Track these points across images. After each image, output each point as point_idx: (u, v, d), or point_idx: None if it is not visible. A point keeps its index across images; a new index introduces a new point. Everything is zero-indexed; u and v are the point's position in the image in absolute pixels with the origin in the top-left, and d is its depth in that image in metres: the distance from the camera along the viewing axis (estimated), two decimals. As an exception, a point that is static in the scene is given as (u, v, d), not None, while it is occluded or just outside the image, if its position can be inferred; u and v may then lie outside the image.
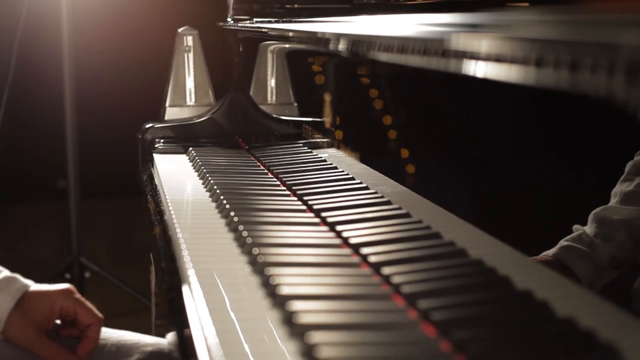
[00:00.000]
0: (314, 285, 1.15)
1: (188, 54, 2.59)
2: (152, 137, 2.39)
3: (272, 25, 2.16)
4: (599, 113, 1.08)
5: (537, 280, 1.11)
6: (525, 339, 0.97)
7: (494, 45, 0.92)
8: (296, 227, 1.47)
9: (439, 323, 0.99)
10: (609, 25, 0.73)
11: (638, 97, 0.72)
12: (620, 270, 1.22)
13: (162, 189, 1.85)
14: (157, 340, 1.74)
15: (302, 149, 2.17)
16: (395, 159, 1.67)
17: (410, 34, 1.18)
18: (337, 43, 1.49)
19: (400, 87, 1.73)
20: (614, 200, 1.19)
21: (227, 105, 2.50)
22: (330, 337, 0.96)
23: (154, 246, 1.56)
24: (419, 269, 1.18)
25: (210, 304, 1.09)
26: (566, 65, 0.77)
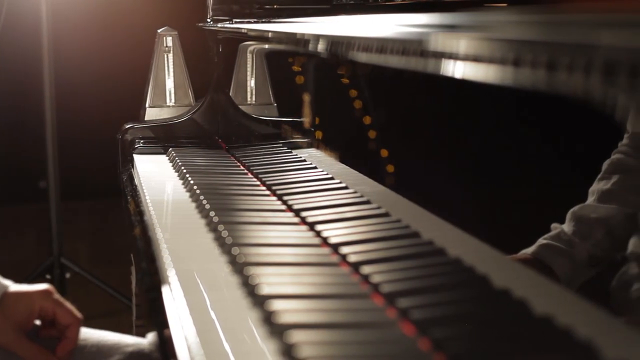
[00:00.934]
0: (294, 285, 1.15)
1: (168, 55, 2.58)
2: (132, 137, 2.39)
3: (251, 25, 2.16)
4: (576, 113, 1.09)
5: (516, 279, 1.12)
6: (503, 337, 0.98)
7: (472, 46, 0.92)
8: (276, 227, 1.47)
9: (418, 322, 0.99)
10: (585, 26, 0.74)
11: (614, 96, 0.73)
12: (598, 268, 1.22)
13: (142, 189, 1.85)
14: (137, 341, 1.73)
15: (282, 149, 2.17)
16: (375, 158, 1.67)
17: (389, 34, 1.18)
18: (317, 44, 1.49)
19: (379, 88, 1.73)
20: (592, 199, 1.20)
21: (207, 105, 2.50)
22: (309, 336, 0.96)
23: (134, 246, 1.56)
24: (397, 268, 1.18)
25: (191, 303, 1.09)
26: (543, 66, 0.78)
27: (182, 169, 1.94)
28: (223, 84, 2.53)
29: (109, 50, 4.88)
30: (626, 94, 0.72)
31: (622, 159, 1.16)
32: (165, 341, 1.07)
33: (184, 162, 2.04)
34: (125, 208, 1.86)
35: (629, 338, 0.95)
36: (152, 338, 1.58)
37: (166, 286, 1.19)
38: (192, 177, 1.83)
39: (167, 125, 2.46)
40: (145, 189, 1.84)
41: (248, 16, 2.29)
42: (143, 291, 1.34)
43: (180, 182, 1.89)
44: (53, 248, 3.66)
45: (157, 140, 2.40)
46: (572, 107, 0.89)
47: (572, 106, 0.83)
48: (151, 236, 1.48)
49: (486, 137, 1.36)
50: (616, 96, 0.74)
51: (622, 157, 1.16)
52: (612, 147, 1.17)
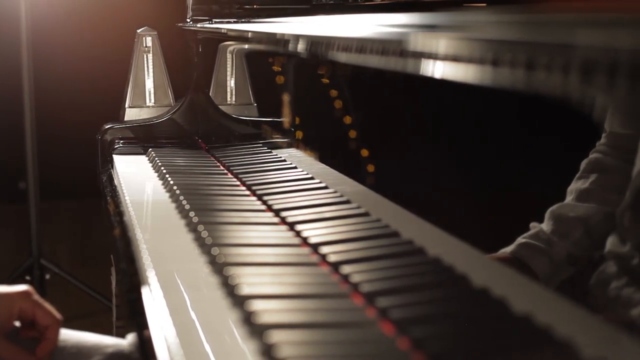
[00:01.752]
0: (274, 285, 1.15)
1: (147, 55, 2.58)
2: (111, 138, 2.38)
3: (231, 25, 2.16)
4: (555, 112, 1.09)
5: (495, 278, 1.12)
6: (482, 335, 0.98)
7: (451, 46, 0.93)
8: (256, 227, 1.47)
9: (397, 321, 1.00)
10: (564, 26, 0.74)
11: (592, 96, 0.73)
12: (576, 267, 1.23)
13: (122, 190, 1.85)
14: (117, 341, 1.73)
15: (262, 149, 2.17)
16: (355, 158, 1.67)
17: (368, 34, 1.18)
18: (296, 44, 1.50)
19: (359, 88, 1.74)
20: (570, 198, 1.21)
21: (187, 105, 2.49)
22: (289, 336, 0.96)
23: (114, 247, 1.56)
24: (377, 267, 1.18)
25: (170, 304, 1.09)
26: (522, 65, 0.78)
27: (162, 170, 1.93)
28: (203, 84, 2.53)
29: (88, 50, 4.86)
30: (604, 94, 0.73)
31: (600, 158, 1.17)
32: (145, 342, 1.07)
33: (163, 162, 2.04)
34: (105, 209, 1.85)
35: (608, 336, 0.95)
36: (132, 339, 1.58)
37: (146, 287, 1.19)
38: (171, 178, 1.82)
39: (146, 126, 2.46)
40: (124, 189, 1.84)
41: (228, 16, 2.29)
42: (123, 292, 1.34)
43: (160, 182, 1.88)
44: (32, 249, 3.65)
45: (136, 140, 2.39)
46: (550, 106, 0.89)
47: (551, 106, 0.84)
48: (131, 237, 1.48)
49: (465, 137, 1.36)
50: (594, 96, 0.75)
51: (600, 157, 1.17)
52: (590, 146, 1.17)
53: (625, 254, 1.05)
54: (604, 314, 1.07)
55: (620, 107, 1.07)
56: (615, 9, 0.69)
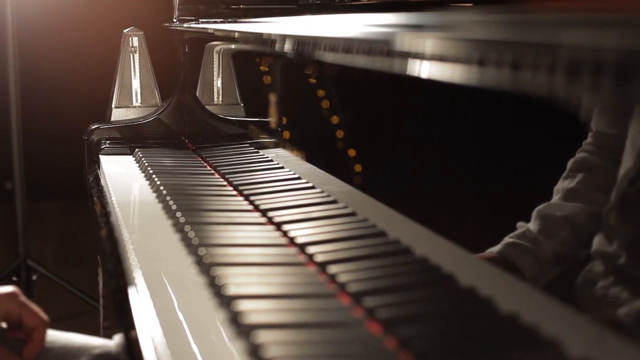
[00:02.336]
0: (261, 285, 1.15)
1: (134, 55, 2.58)
2: (98, 138, 2.38)
3: (217, 25, 2.15)
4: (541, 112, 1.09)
5: (482, 277, 1.12)
6: (469, 335, 0.98)
7: (438, 46, 0.93)
8: (243, 227, 1.47)
9: (384, 321, 1.00)
10: (550, 26, 0.74)
11: (579, 96, 0.73)
12: (563, 266, 1.23)
13: (109, 190, 1.85)
14: (104, 342, 1.72)
15: (249, 149, 2.17)
16: (342, 158, 1.67)
17: (355, 34, 1.19)
18: (283, 44, 1.49)
19: (346, 87, 1.74)
20: (557, 197, 1.21)
21: (174, 106, 2.49)
22: (276, 336, 0.96)
23: (100, 248, 1.56)
24: (364, 267, 1.19)
25: (157, 305, 1.09)
26: (509, 65, 0.78)
27: (149, 170, 1.93)
28: (189, 84, 2.52)
29: (75, 50, 4.85)
30: (590, 93, 0.73)
31: (586, 158, 1.17)
32: (132, 342, 1.07)
33: (150, 162, 2.03)
34: (92, 209, 1.85)
35: (594, 335, 0.96)
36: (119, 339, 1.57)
37: (133, 287, 1.18)
38: (158, 178, 1.82)
39: (133, 126, 2.46)
40: (111, 190, 1.83)
41: (214, 16, 2.28)
42: (110, 293, 1.33)
43: (147, 182, 1.88)
44: (19, 250, 3.64)
45: (123, 140, 2.39)
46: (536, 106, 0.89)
47: (537, 105, 0.84)
48: (117, 237, 1.48)
49: (452, 136, 1.36)
50: (580, 95, 0.75)
51: (586, 156, 1.17)
52: (576, 146, 1.17)
53: (612, 254, 1.05)
54: (590, 314, 1.07)
55: (606, 107, 1.07)
56: (601, 9, 0.69)
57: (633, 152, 1.01)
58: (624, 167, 1.03)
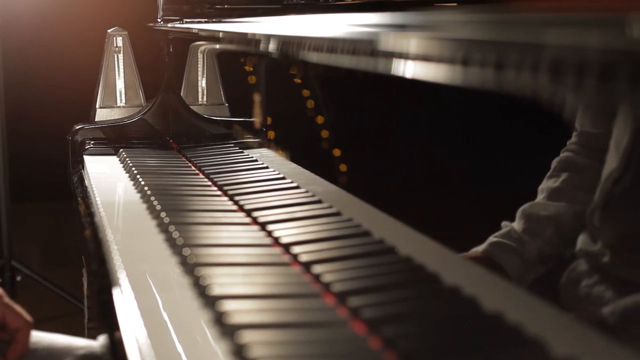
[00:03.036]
0: (245, 285, 1.15)
1: (118, 55, 2.57)
2: (82, 138, 2.38)
3: (202, 25, 2.15)
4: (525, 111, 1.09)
5: (466, 277, 1.12)
6: (454, 334, 0.98)
7: (422, 45, 0.93)
8: (227, 227, 1.47)
9: (368, 320, 1.00)
10: (534, 25, 0.74)
11: (563, 95, 0.74)
12: (548, 266, 1.23)
13: (93, 190, 1.84)
14: (88, 343, 1.72)
15: (234, 149, 2.17)
16: (327, 158, 1.67)
17: (339, 34, 1.19)
18: (267, 43, 1.49)
19: (331, 87, 1.74)
20: (541, 197, 1.21)
21: (158, 106, 2.49)
22: (261, 336, 0.96)
23: (85, 248, 1.55)
24: (349, 267, 1.19)
25: (142, 305, 1.09)
26: (493, 65, 0.78)
27: (133, 170, 1.93)
28: (174, 84, 2.52)
29: (58, 50, 4.83)
30: (574, 93, 0.73)
31: (570, 157, 1.17)
32: (116, 343, 1.07)
33: (134, 162, 2.03)
34: (76, 210, 1.85)
35: (578, 334, 0.96)
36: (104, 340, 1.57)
37: (117, 288, 1.18)
38: (143, 178, 1.82)
39: (117, 126, 2.45)
40: (95, 190, 1.83)
41: (199, 16, 2.28)
42: (94, 293, 1.33)
43: (131, 183, 1.88)
44: (3, 250, 3.63)
45: (107, 141, 2.39)
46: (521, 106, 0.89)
47: (521, 105, 0.84)
48: (102, 238, 1.47)
49: (437, 136, 1.36)
50: (565, 95, 0.75)
51: (570, 155, 1.17)
52: (561, 145, 1.17)
53: (596, 253, 1.06)
54: (574, 312, 1.07)
55: (591, 106, 1.07)
56: (584, 9, 0.69)
57: (617, 152, 1.02)
58: (608, 166, 1.04)
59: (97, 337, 1.73)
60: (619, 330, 0.94)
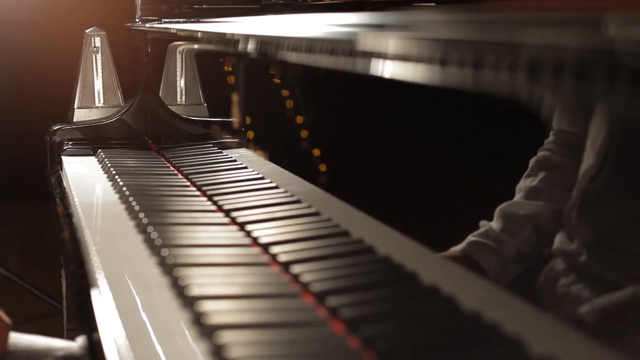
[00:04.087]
0: (224, 285, 1.15)
1: (96, 55, 2.56)
2: (60, 139, 2.37)
3: (180, 25, 2.15)
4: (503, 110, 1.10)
5: (444, 276, 1.13)
6: (432, 333, 0.98)
7: (400, 45, 0.93)
8: (206, 228, 1.46)
9: (347, 320, 1.00)
10: (511, 25, 0.75)
11: (540, 94, 0.74)
12: (526, 265, 1.24)
13: (71, 191, 1.83)
14: (67, 344, 1.71)
15: (213, 149, 2.16)
16: (305, 158, 1.67)
17: (318, 34, 1.19)
18: (246, 44, 1.49)
19: (310, 87, 1.74)
20: (519, 196, 1.21)
21: (136, 106, 2.48)
22: (240, 336, 0.96)
23: (63, 249, 1.55)
24: (327, 266, 1.19)
25: (120, 306, 1.09)
26: (470, 64, 0.78)
27: (112, 171, 1.92)
28: (152, 84, 2.51)
29: (36, 50, 4.81)
30: (551, 92, 0.73)
31: (548, 156, 1.17)
32: (94, 344, 1.06)
33: (113, 163, 2.02)
34: (54, 211, 1.84)
35: (556, 332, 0.96)
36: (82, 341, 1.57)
37: (95, 289, 1.18)
38: (121, 179, 1.81)
39: (96, 127, 2.44)
40: (74, 191, 1.82)
41: (177, 16, 2.28)
42: (72, 294, 1.33)
43: (110, 183, 1.87)
44: (-19, 252, 3.62)
45: (86, 141, 2.38)
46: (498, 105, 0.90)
47: (499, 104, 0.84)
48: (80, 239, 1.47)
49: (416, 135, 1.37)
50: (541, 94, 0.75)
51: (548, 154, 1.17)
52: (538, 144, 1.18)
53: (573, 251, 1.06)
54: (552, 311, 1.07)
55: (567, 106, 1.08)
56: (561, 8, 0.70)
57: (593, 151, 1.02)
58: (585, 165, 1.04)
59: (76, 338, 1.73)
60: (596, 329, 0.95)
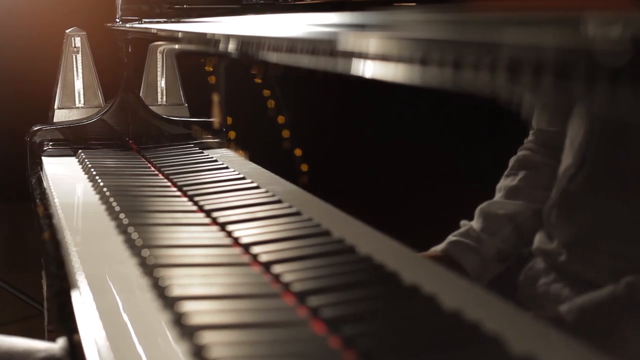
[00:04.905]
0: (205, 286, 1.15)
1: (76, 55, 2.56)
2: (40, 139, 2.36)
3: (161, 25, 2.14)
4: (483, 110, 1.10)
5: (425, 275, 1.13)
6: (413, 332, 0.99)
7: (381, 45, 0.93)
8: (187, 228, 1.46)
9: (328, 320, 1.00)
10: (491, 25, 0.75)
11: (520, 94, 0.74)
12: (506, 264, 1.24)
13: (51, 192, 1.83)
14: (48, 346, 1.71)
15: (194, 149, 2.16)
16: (286, 158, 1.67)
17: (299, 34, 1.19)
18: (227, 44, 1.49)
19: (291, 87, 1.74)
20: (499, 195, 1.21)
21: (117, 106, 2.47)
22: (221, 336, 0.96)
23: (44, 250, 1.54)
24: (308, 266, 1.19)
25: (101, 307, 1.08)
26: (450, 64, 0.79)
27: (92, 171, 1.92)
28: (133, 84, 2.51)
29: (16, 51, 4.78)
30: (530, 92, 0.74)
31: (528, 155, 1.18)
32: (75, 346, 1.06)
33: (93, 164, 2.02)
34: (35, 211, 1.83)
35: (536, 331, 0.97)
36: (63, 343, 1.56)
37: (76, 290, 1.17)
38: (102, 179, 1.81)
39: (76, 127, 2.44)
40: (54, 192, 1.82)
41: (158, 16, 2.27)
42: (53, 296, 1.32)
43: (90, 184, 1.87)
44: (-38, 253, 3.60)
45: (66, 142, 2.37)
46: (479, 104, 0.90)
47: (479, 104, 0.84)
48: (60, 240, 1.46)
49: (397, 135, 1.37)
50: (521, 94, 0.75)
51: (528, 154, 1.18)
52: (518, 144, 1.18)
53: (553, 251, 1.06)
54: (532, 310, 1.08)
55: (547, 105, 1.08)
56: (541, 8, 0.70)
57: (572, 150, 1.02)
58: (564, 164, 1.05)
59: (57, 339, 1.72)
60: (575, 328, 0.95)
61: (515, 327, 0.96)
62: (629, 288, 0.90)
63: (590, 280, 0.98)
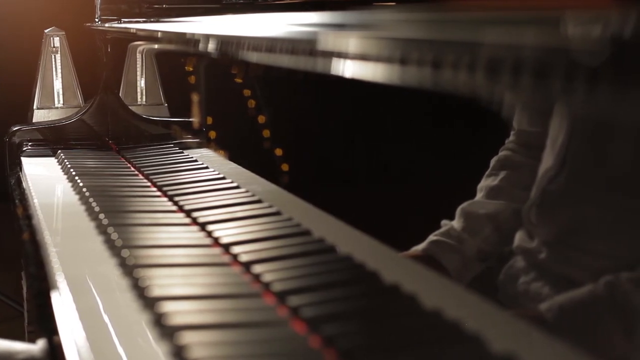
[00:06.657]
0: (185, 286, 1.15)
1: (55, 55, 2.55)
2: (19, 140, 2.35)
3: (140, 25, 2.14)
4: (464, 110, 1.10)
5: (405, 274, 1.13)
6: (394, 331, 0.99)
7: (360, 45, 0.93)
8: (167, 228, 1.46)
9: (309, 319, 1.00)
10: (471, 24, 0.75)
11: (501, 94, 0.74)
12: (487, 263, 1.24)
13: (30, 193, 1.82)
14: (28, 347, 1.70)
15: (174, 149, 2.15)
16: (266, 157, 1.67)
17: (278, 34, 1.19)
18: (206, 43, 1.49)
19: (272, 87, 1.73)
20: (480, 195, 1.22)
21: (96, 106, 2.47)
22: (201, 336, 0.96)
23: (23, 251, 1.53)
24: (289, 266, 1.19)
25: (81, 308, 1.08)
26: (430, 63, 0.79)
27: (72, 172, 1.91)
28: (112, 84, 2.50)
29: (-5, 51, 4.77)
30: (511, 92, 0.74)
31: (509, 156, 1.18)
32: (55, 347, 1.05)
33: (73, 164, 2.01)
34: (14, 212, 1.83)
35: (517, 330, 0.97)
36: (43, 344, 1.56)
37: (55, 291, 1.17)
38: (81, 180, 1.80)
39: (55, 127, 2.43)
40: (33, 192, 1.81)
41: (137, 16, 2.27)
42: (33, 297, 1.32)
43: (70, 184, 1.86)
44: (-60, 255, 3.58)
45: (45, 142, 2.36)
46: (460, 105, 0.90)
47: (460, 104, 0.84)
48: (40, 240, 1.46)
49: (377, 135, 1.37)
50: (502, 94, 0.76)
51: (509, 154, 1.18)
52: (499, 144, 1.18)
53: (533, 249, 1.07)
54: (513, 309, 1.08)
55: (527, 105, 1.09)
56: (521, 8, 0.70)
57: (553, 150, 1.03)
58: (544, 164, 1.05)
59: (37, 341, 1.71)
60: (555, 326, 0.95)
61: (495, 326, 0.96)
62: (609, 287, 0.91)
63: (570, 279, 0.99)
